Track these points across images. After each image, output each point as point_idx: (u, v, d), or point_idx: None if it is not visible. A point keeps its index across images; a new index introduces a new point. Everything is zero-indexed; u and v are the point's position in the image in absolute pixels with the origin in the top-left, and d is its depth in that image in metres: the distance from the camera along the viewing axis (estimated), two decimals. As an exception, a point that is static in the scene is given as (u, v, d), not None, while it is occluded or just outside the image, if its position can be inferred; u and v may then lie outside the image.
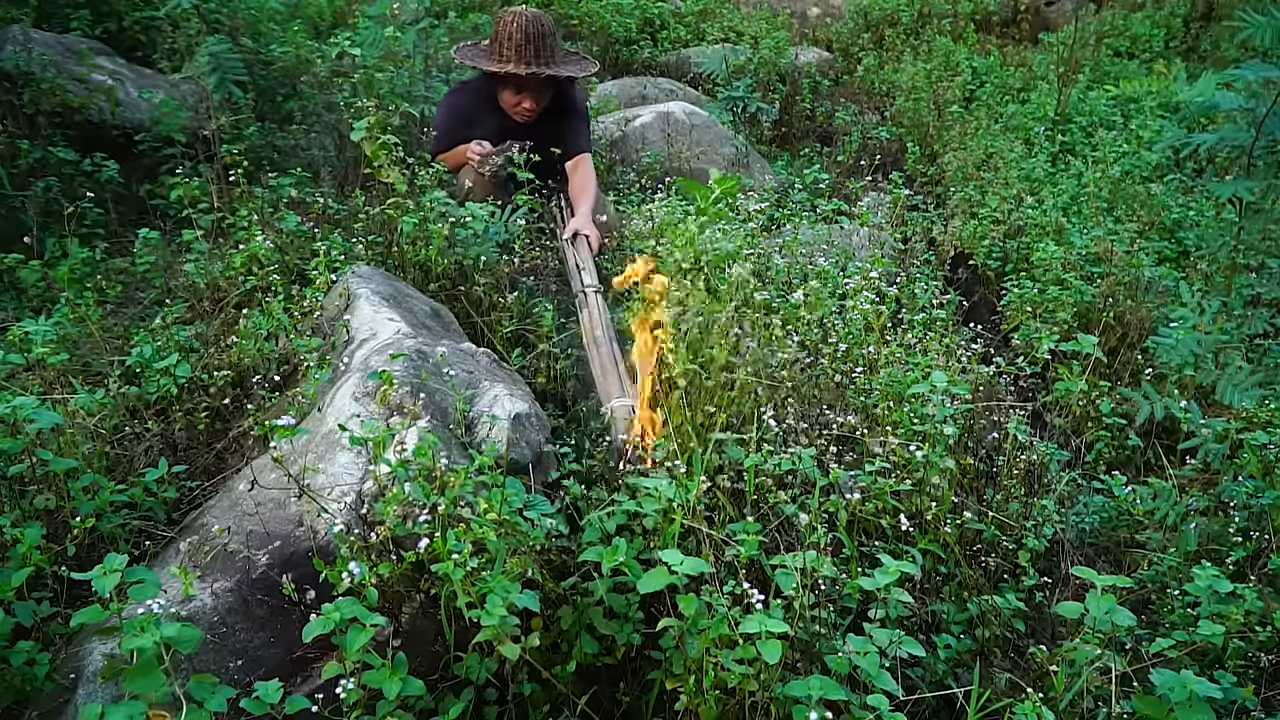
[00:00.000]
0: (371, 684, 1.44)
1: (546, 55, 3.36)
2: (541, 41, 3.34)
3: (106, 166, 3.38)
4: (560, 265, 3.16)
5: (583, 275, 2.89)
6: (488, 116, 3.50)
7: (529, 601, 1.54)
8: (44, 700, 1.55)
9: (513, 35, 3.31)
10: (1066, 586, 2.26)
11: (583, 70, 3.52)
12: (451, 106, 3.55)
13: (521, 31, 3.31)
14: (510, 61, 3.32)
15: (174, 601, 1.63)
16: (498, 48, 3.35)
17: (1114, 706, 1.64)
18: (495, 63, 3.35)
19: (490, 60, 3.38)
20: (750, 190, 4.24)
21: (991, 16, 7.93)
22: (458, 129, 3.47)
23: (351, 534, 1.66)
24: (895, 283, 3.19)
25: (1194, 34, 7.27)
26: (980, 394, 2.65)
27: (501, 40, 3.33)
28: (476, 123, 3.48)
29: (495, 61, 3.36)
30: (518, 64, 3.31)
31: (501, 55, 3.34)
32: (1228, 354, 2.83)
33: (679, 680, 1.60)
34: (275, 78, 4.24)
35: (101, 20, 4.37)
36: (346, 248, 2.86)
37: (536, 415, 2.16)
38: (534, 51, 3.33)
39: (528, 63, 3.32)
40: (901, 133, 5.83)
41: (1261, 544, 2.17)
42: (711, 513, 1.97)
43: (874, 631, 1.62)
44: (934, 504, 2.05)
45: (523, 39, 3.31)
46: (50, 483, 1.90)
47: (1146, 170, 4.66)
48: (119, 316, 2.84)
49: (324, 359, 2.27)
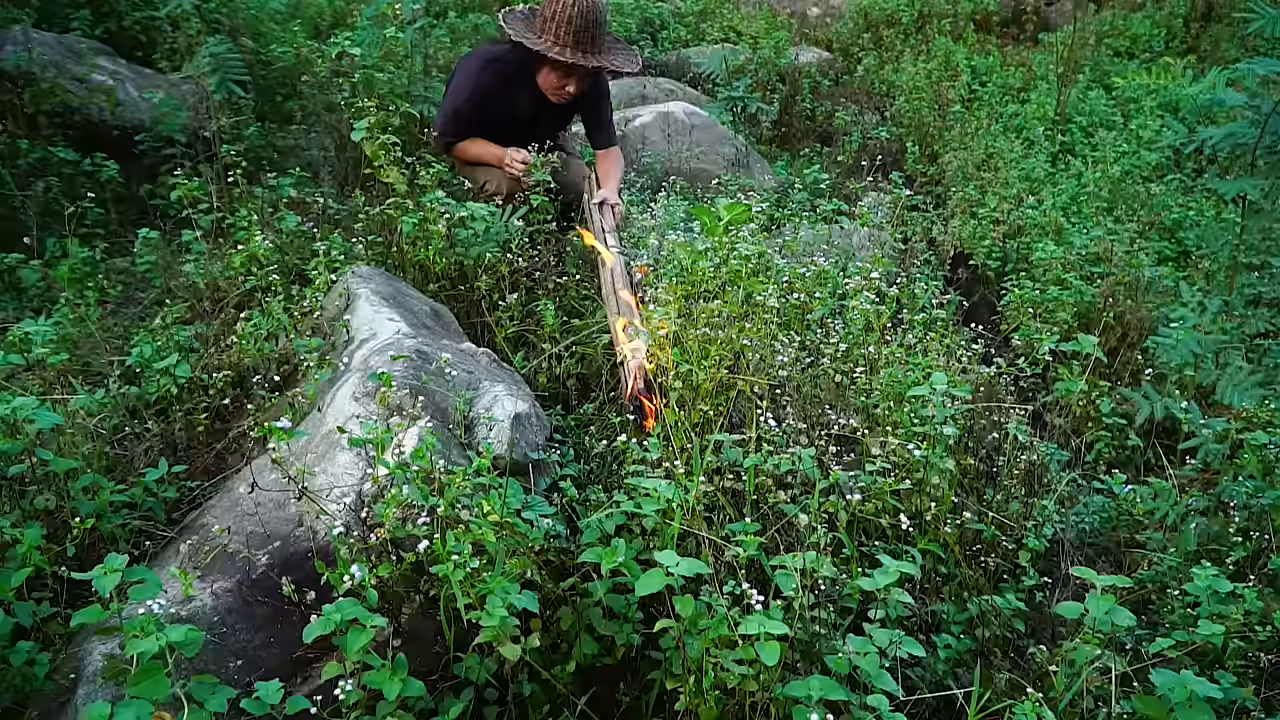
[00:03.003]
0: (371, 685, 1.44)
1: (600, 43, 3.25)
2: (599, 29, 3.22)
3: (106, 166, 3.38)
4: (555, 263, 3.17)
5: (606, 238, 3.01)
6: (518, 93, 3.36)
7: (528, 602, 1.54)
8: (44, 700, 1.56)
9: (571, 19, 3.14)
10: (1066, 586, 2.26)
11: (632, 64, 3.40)
12: (475, 87, 3.35)
13: (582, 16, 3.15)
14: (567, 48, 3.17)
15: (174, 601, 1.64)
16: (551, 27, 3.18)
17: (1114, 706, 1.64)
18: (552, 47, 3.17)
19: (544, 41, 3.20)
20: (750, 190, 4.24)
21: (991, 16, 7.93)
22: (474, 113, 3.33)
23: (351, 535, 1.66)
24: (895, 283, 3.19)
25: (1194, 34, 7.26)
26: (980, 394, 2.65)
27: (558, 21, 3.16)
28: (502, 104, 3.34)
29: (551, 45, 3.18)
30: (575, 52, 3.17)
31: (557, 38, 3.17)
32: (1228, 354, 2.83)
33: (679, 680, 1.60)
34: (275, 78, 4.24)
35: (101, 20, 4.37)
36: (346, 248, 2.86)
37: (536, 415, 2.16)
38: (590, 39, 3.20)
39: (585, 51, 3.19)
40: (901, 133, 5.82)
41: (1261, 544, 2.17)
42: (711, 513, 1.97)
43: (874, 632, 1.62)
44: (934, 504, 2.05)
45: (582, 24, 3.15)
46: (50, 483, 1.90)
47: (1146, 170, 4.66)
48: (119, 316, 2.84)
49: (324, 359, 2.27)
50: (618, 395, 2.50)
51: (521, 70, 3.33)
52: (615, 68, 3.34)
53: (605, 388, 2.58)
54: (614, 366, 2.58)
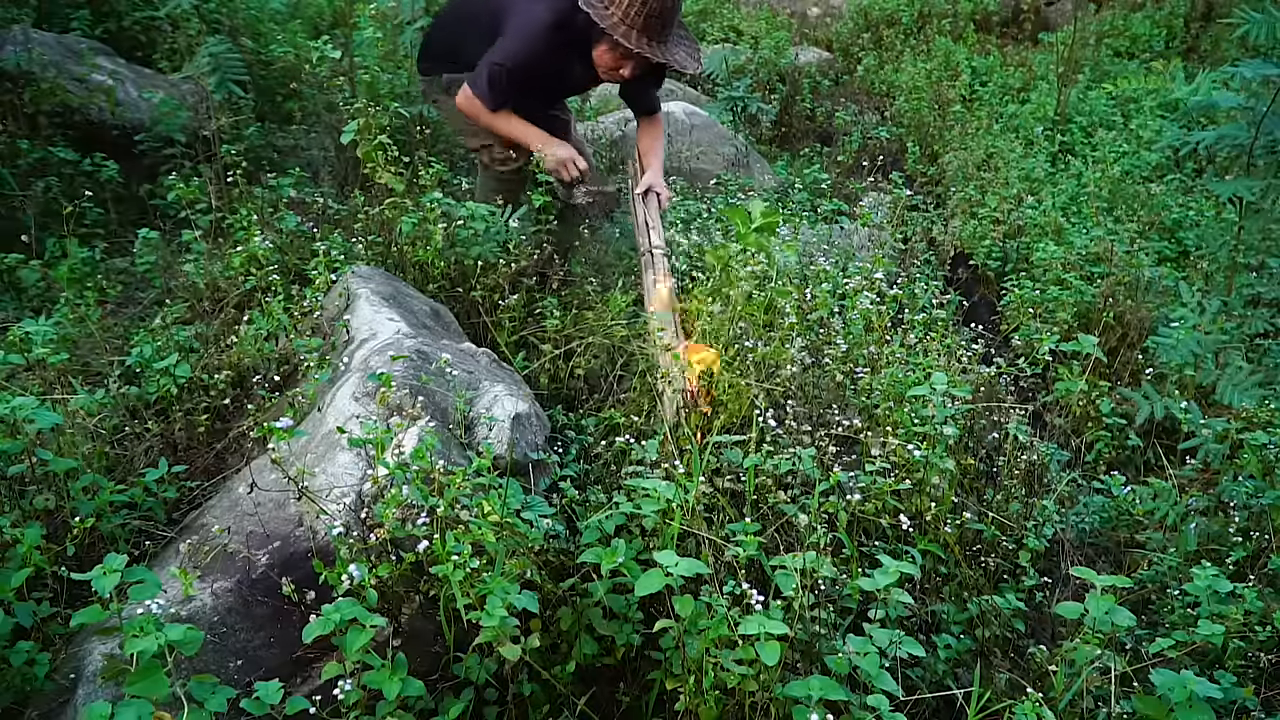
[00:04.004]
0: (371, 684, 1.44)
1: (668, 32, 2.94)
2: (672, 17, 2.92)
3: (106, 166, 3.38)
4: (560, 262, 3.15)
5: (650, 234, 2.84)
6: (573, 63, 3.06)
7: (528, 602, 1.54)
8: (44, 700, 1.56)
9: (651, 6, 2.82)
10: (1066, 586, 2.26)
11: (695, 63, 3.09)
12: (536, 53, 2.97)
13: (660, 3, 2.83)
14: (634, 30, 2.84)
15: (174, 601, 1.64)
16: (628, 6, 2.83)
17: (1114, 706, 1.64)
18: (619, 26, 2.85)
19: (612, 17, 2.85)
20: (750, 190, 4.24)
21: (991, 16, 7.93)
22: (527, 78, 2.99)
23: (351, 535, 1.66)
24: (896, 283, 3.19)
25: (1194, 34, 7.26)
26: (980, 394, 2.65)
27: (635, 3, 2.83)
28: (555, 70, 3.06)
29: (618, 24, 2.85)
30: (642, 39, 2.85)
31: (626, 16, 2.83)
32: (1228, 354, 2.83)
33: (679, 680, 1.60)
34: (275, 78, 4.24)
35: (101, 20, 4.37)
36: (346, 248, 2.86)
37: (536, 415, 2.16)
38: (661, 27, 2.89)
39: (652, 39, 2.87)
40: (901, 133, 5.83)
41: (1261, 544, 2.17)
42: (711, 513, 1.97)
43: (874, 632, 1.62)
44: (934, 504, 2.05)
45: (657, 8, 2.83)
46: (50, 483, 1.90)
47: (1146, 170, 4.67)
48: (119, 316, 2.84)
49: (324, 359, 2.27)
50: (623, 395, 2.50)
51: (583, 38, 2.98)
52: (679, 66, 3.04)
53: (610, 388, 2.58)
54: (623, 364, 2.58)
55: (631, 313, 2.78)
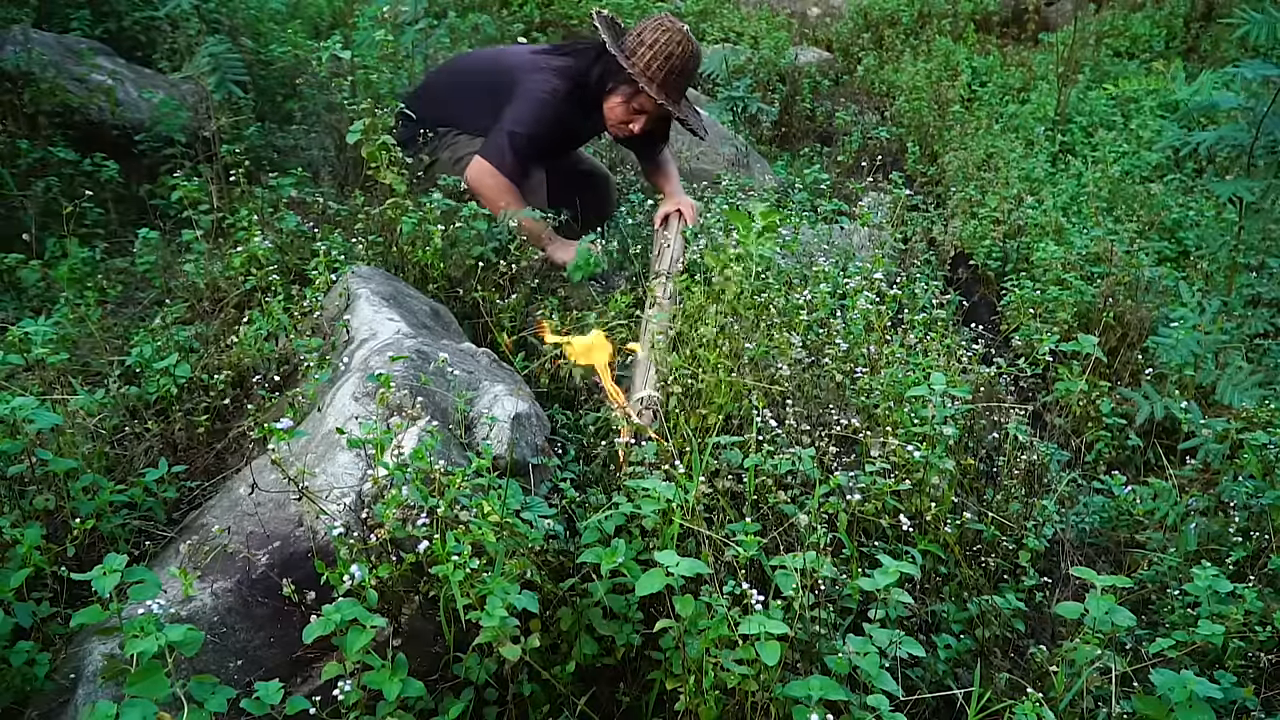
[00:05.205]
0: (371, 685, 1.44)
1: (684, 92, 3.02)
2: (689, 80, 2.98)
3: (106, 166, 3.37)
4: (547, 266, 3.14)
5: (657, 264, 2.82)
6: (584, 121, 3.10)
7: (528, 602, 1.54)
8: (44, 700, 1.55)
9: (671, 56, 2.86)
10: (1066, 586, 2.26)
11: (701, 129, 3.17)
12: (557, 120, 2.99)
13: (683, 59, 2.89)
14: (655, 83, 2.88)
15: (174, 601, 1.63)
16: (646, 56, 2.88)
17: (1114, 706, 1.64)
18: (642, 75, 2.88)
19: (641, 74, 2.89)
20: (750, 190, 4.24)
21: (991, 16, 7.93)
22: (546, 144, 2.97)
23: (351, 536, 1.66)
24: (896, 283, 3.19)
25: (1194, 34, 7.26)
26: (980, 394, 2.65)
27: (655, 52, 2.88)
28: (567, 132, 3.09)
29: (641, 73, 2.88)
30: (662, 91, 2.89)
31: (647, 69, 2.88)
32: (1228, 354, 2.83)
33: (679, 680, 1.60)
34: (275, 78, 4.23)
35: (101, 20, 4.36)
36: (346, 248, 2.86)
37: (536, 415, 2.16)
38: (678, 87, 2.94)
39: (670, 95, 2.91)
40: (901, 133, 5.83)
41: (1261, 544, 2.17)
42: (711, 513, 1.97)
43: (874, 632, 1.62)
44: (934, 504, 2.05)
45: (680, 67, 2.89)
46: (50, 483, 1.90)
47: (1146, 170, 4.67)
48: (119, 316, 2.84)
49: (324, 359, 2.27)
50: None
51: (594, 95, 3.02)
52: (692, 127, 3.08)
53: None
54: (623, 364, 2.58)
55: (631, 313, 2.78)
